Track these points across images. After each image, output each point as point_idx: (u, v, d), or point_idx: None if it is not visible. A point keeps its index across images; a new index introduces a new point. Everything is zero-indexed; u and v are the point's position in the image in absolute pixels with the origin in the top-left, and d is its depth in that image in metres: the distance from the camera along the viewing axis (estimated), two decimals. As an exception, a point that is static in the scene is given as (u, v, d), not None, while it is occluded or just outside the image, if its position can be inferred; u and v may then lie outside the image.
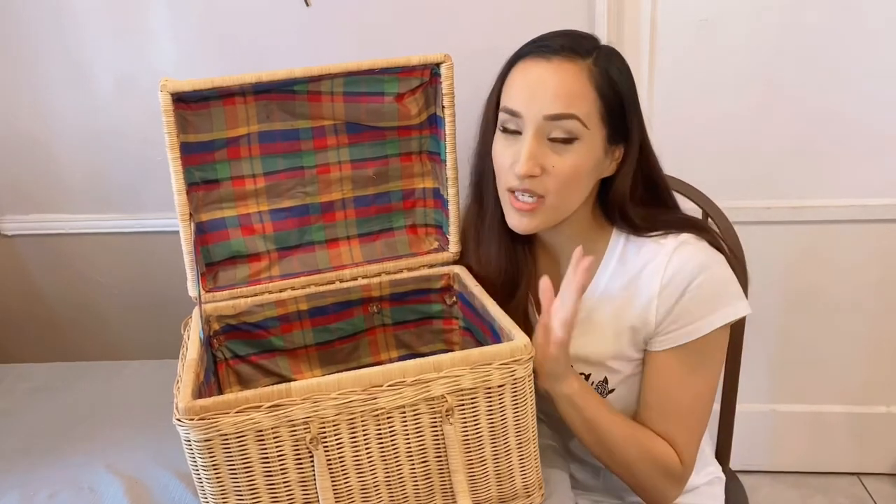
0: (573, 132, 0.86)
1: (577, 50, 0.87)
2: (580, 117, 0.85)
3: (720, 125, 1.49)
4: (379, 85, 1.01)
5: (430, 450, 0.79)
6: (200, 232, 1.02)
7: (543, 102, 0.86)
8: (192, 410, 0.70)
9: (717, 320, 0.89)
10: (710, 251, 0.92)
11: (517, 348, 0.79)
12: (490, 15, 1.39)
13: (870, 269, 1.58)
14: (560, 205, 0.90)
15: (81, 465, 1.02)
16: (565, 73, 0.86)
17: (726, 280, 0.91)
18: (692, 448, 0.93)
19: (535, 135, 0.87)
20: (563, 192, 0.89)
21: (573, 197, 0.91)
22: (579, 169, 0.88)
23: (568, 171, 0.87)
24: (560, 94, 0.85)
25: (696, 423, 0.94)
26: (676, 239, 0.91)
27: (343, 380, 0.74)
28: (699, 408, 0.93)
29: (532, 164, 0.86)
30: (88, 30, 1.47)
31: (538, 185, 0.88)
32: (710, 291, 0.89)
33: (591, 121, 0.87)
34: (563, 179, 0.88)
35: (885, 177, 1.50)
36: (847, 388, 1.69)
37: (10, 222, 1.63)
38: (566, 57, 0.86)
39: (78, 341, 1.72)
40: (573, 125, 0.86)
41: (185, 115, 0.95)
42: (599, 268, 0.97)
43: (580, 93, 0.86)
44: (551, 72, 0.86)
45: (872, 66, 1.43)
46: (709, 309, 0.89)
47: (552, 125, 0.86)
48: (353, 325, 1.10)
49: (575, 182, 0.89)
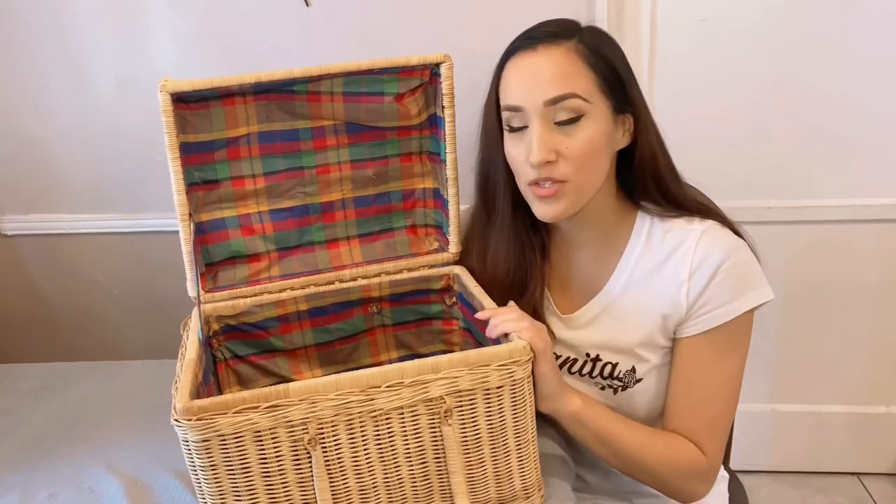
0: (577, 109, 0.87)
1: (559, 34, 0.89)
2: (579, 94, 0.87)
3: (720, 125, 1.49)
4: (379, 85, 1.01)
5: (428, 451, 0.79)
6: (200, 232, 1.02)
7: (540, 89, 0.87)
8: (190, 411, 0.70)
9: (746, 303, 0.89)
10: (735, 236, 0.93)
11: (516, 349, 0.79)
12: (490, 15, 1.39)
13: (870, 269, 1.58)
14: (583, 184, 0.90)
15: (81, 465, 1.02)
16: (554, 56, 0.88)
17: (753, 264, 0.92)
18: (718, 442, 0.93)
19: (542, 122, 0.87)
20: (583, 172, 0.89)
21: (594, 174, 0.91)
22: (593, 144, 0.88)
23: (582, 148, 0.88)
24: (554, 77, 0.87)
25: (723, 413, 0.93)
26: (703, 223, 0.93)
27: (341, 381, 0.74)
28: (726, 394, 0.93)
29: (545, 150, 0.87)
30: (88, 30, 1.47)
31: (556, 171, 0.88)
32: (740, 274, 0.90)
33: (592, 95, 0.88)
34: (579, 159, 0.88)
35: (885, 177, 1.50)
36: (847, 388, 1.69)
37: (10, 222, 1.63)
38: (551, 42, 0.88)
39: (78, 341, 1.72)
40: (575, 103, 0.87)
41: (185, 115, 0.95)
42: (625, 252, 0.96)
43: (573, 71, 0.87)
44: (540, 59, 0.88)
45: (872, 66, 1.43)
46: (739, 291, 0.89)
47: (555, 109, 0.87)
48: (353, 325, 1.10)
49: (592, 158, 0.89)
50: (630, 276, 0.95)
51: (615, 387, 0.96)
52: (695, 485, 0.92)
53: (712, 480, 0.94)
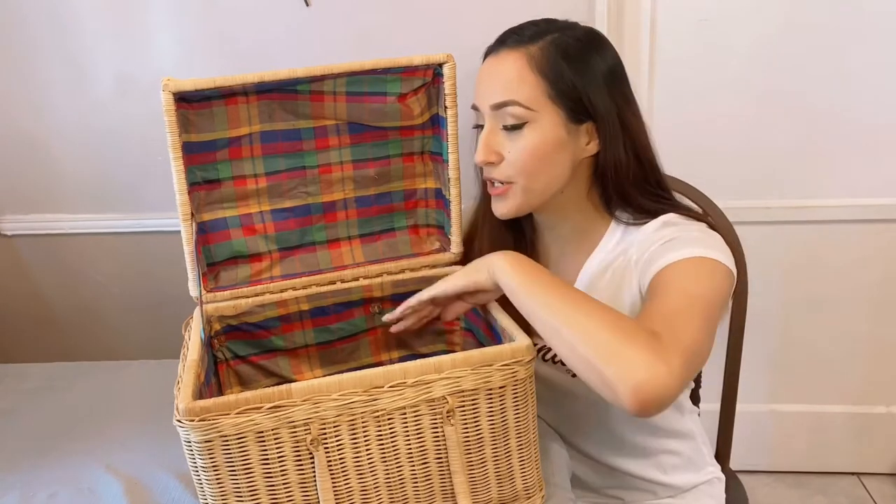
0: (519, 117, 0.89)
1: (522, 39, 0.91)
2: (520, 102, 0.89)
3: (720, 125, 1.49)
4: (381, 85, 1.01)
5: (430, 451, 0.79)
6: (202, 232, 1.02)
7: (489, 93, 0.91)
8: (193, 411, 0.70)
9: (695, 253, 0.85)
10: (691, 221, 0.93)
11: (518, 349, 0.79)
12: (491, 15, 1.39)
13: (870, 269, 1.58)
14: (530, 186, 0.93)
15: (81, 465, 1.02)
16: (504, 63, 0.91)
17: (706, 233, 0.90)
18: (676, 335, 0.74)
19: (490, 125, 0.92)
20: (527, 175, 0.92)
21: (541, 178, 0.92)
22: (536, 151, 0.90)
23: (523, 154, 0.91)
24: (500, 83, 0.90)
25: (686, 325, 0.76)
26: (660, 218, 0.93)
27: (344, 381, 0.74)
28: (690, 311, 0.78)
29: (486, 151, 0.92)
30: (88, 30, 1.47)
31: (500, 173, 0.93)
32: (687, 237, 0.88)
33: (537, 103, 0.89)
34: (520, 163, 0.91)
35: (885, 177, 1.50)
36: (847, 388, 1.69)
37: (10, 222, 1.63)
38: (511, 47, 0.91)
39: (78, 341, 1.71)
40: (516, 110, 0.89)
41: (187, 115, 0.95)
42: (594, 251, 0.98)
43: (518, 78, 0.89)
44: (495, 64, 0.93)
45: (872, 66, 1.43)
46: (685, 246, 0.87)
47: (500, 114, 0.91)
48: (354, 325, 1.10)
49: (537, 163, 0.91)
50: (595, 273, 0.97)
51: None
52: (640, 354, 0.70)
53: (660, 366, 0.69)
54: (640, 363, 0.69)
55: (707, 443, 1.11)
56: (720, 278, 0.85)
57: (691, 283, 0.83)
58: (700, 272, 0.84)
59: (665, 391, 0.69)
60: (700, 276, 0.84)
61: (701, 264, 0.85)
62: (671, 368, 0.69)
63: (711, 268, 0.85)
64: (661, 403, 0.70)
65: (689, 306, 0.79)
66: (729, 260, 0.87)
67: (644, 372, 0.68)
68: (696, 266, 0.85)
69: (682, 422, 1.05)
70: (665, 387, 0.69)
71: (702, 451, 1.08)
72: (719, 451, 1.20)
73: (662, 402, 0.70)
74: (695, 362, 0.74)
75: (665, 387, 0.69)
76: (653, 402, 0.69)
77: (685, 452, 1.06)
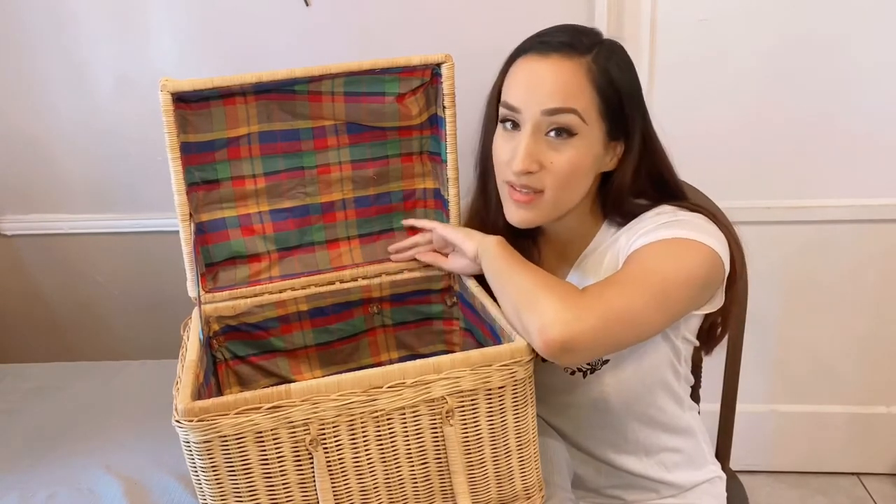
0: (572, 127, 0.87)
1: (576, 47, 0.88)
2: (579, 111, 0.86)
3: (720, 125, 1.49)
4: (380, 85, 1.01)
5: (429, 451, 0.79)
6: (200, 232, 1.02)
7: (541, 98, 0.87)
8: (192, 412, 0.70)
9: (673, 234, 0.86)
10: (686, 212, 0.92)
11: (518, 349, 0.79)
12: (490, 15, 1.39)
13: (870, 269, 1.58)
14: (558, 200, 0.91)
15: (80, 465, 1.02)
16: (563, 69, 0.87)
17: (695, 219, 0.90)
18: (598, 303, 0.78)
19: (533, 131, 0.88)
20: (561, 189, 0.90)
21: (573, 193, 0.92)
22: (578, 165, 0.88)
23: (566, 167, 0.88)
24: (558, 89, 0.86)
25: (622, 291, 0.80)
26: (654, 209, 0.93)
27: (343, 381, 0.74)
28: (635, 281, 0.82)
29: (529, 160, 0.87)
30: (88, 30, 1.47)
31: (536, 181, 0.89)
32: (672, 222, 0.88)
33: (590, 116, 0.87)
34: (561, 176, 0.88)
35: (885, 177, 1.50)
36: (847, 388, 1.69)
37: (10, 222, 1.63)
38: (565, 54, 0.87)
39: (78, 341, 1.71)
40: (571, 119, 0.86)
41: (186, 115, 0.95)
42: (580, 256, 0.99)
43: (578, 89, 0.86)
44: (549, 68, 0.87)
45: (872, 66, 1.43)
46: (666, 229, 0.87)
47: (550, 120, 0.87)
48: (354, 325, 1.10)
49: (574, 178, 0.90)
50: (588, 265, 0.97)
51: (584, 370, 0.96)
52: (553, 301, 0.77)
53: (572, 314, 0.76)
54: (549, 309, 0.77)
55: (708, 441, 1.11)
56: (694, 258, 0.85)
57: (654, 259, 0.84)
58: (669, 251, 0.85)
59: (567, 335, 0.75)
60: (668, 254, 0.85)
61: (675, 244, 0.85)
62: (578, 316, 0.76)
63: (687, 247, 0.85)
64: (564, 346, 0.75)
65: (637, 278, 0.82)
66: (718, 245, 0.86)
67: (550, 315, 0.76)
68: (668, 245, 0.85)
69: (682, 418, 1.05)
70: (568, 332, 0.75)
71: (702, 449, 1.08)
72: (719, 451, 1.20)
73: (566, 345, 0.75)
74: (620, 326, 0.79)
75: (568, 332, 0.75)
76: (556, 342, 0.75)
77: (686, 450, 1.06)
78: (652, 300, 0.80)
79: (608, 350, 0.83)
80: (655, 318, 0.82)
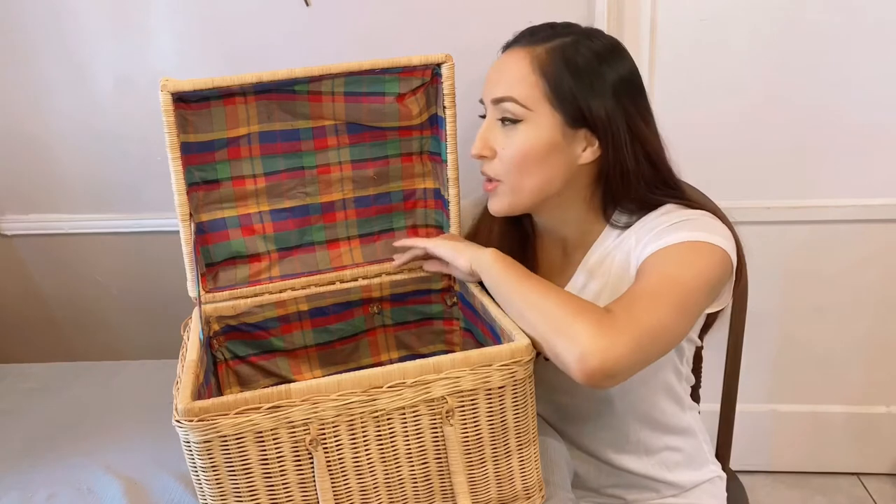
0: (514, 114, 0.91)
1: (533, 39, 0.93)
2: (517, 99, 0.90)
3: (720, 125, 1.49)
4: (380, 85, 1.01)
5: (429, 451, 0.79)
6: (200, 232, 1.02)
7: (491, 88, 0.94)
8: (192, 412, 0.70)
9: (687, 237, 0.86)
10: (692, 210, 0.93)
11: (518, 349, 0.79)
12: (490, 15, 1.39)
13: (870, 269, 1.58)
14: (518, 186, 0.94)
15: (80, 465, 1.02)
16: (511, 59, 0.93)
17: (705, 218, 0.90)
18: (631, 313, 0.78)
19: (490, 118, 0.94)
20: (516, 174, 0.93)
21: (531, 179, 0.93)
22: (528, 151, 0.91)
23: (513, 152, 0.92)
24: (501, 78, 0.93)
25: (649, 306, 0.79)
26: (659, 209, 0.94)
27: (343, 381, 0.74)
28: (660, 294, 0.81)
29: (481, 144, 0.94)
30: (88, 30, 1.47)
31: (490, 169, 0.95)
32: (683, 223, 0.89)
33: (534, 103, 0.90)
34: (510, 161, 0.92)
35: (885, 177, 1.50)
36: (847, 388, 1.69)
37: (9, 222, 1.62)
38: (521, 45, 0.93)
39: (78, 341, 1.71)
40: (511, 106, 0.91)
41: (186, 115, 0.95)
42: (584, 258, 0.99)
43: (518, 77, 0.91)
44: (503, 60, 0.95)
45: (872, 66, 1.43)
46: (678, 230, 0.88)
47: (498, 108, 0.93)
48: (354, 325, 1.10)
49: (526, 164, 0.92)
50: (592, 268, 0.98)
51: None
52: (586, 327, 0.75)
53: (608, 339, 0.74)
54: (583, 335, 0.74)
55: (708, 440, 1.11)
56: (709, 261, 0.85)
57: (672, 266, 0.85)
58: (686, 256, 0.85)
59: (607, 363, 0.73)
60: (684, 260, 0.85)
61: (689, 248, 0.86)
62: (614, 342, 0.74)
63: (700, 250, 0.85)
64: (605, 374, 0.74)
65: (660, 290, 0.82)
66: (727, 244, 0.87)
67: (587, 344, 0.74)
68: (683, 250, 0.86)
69: (682, 418, 1.05)
70: (607, 359, 0.73)
71: (703, 449, 1.08)
72: (719, 452, 1.20)
73: (607, 373, 0.74)
74: (652, 343, 0.78)
75: (607, 359, 0.73)
76: (596, 371, 0.74)
77: (686, 449, 1.06)
78: (674, 311, 0.80)
79: (643, 367, 0.80)
80: (681, 328, 0.82)
